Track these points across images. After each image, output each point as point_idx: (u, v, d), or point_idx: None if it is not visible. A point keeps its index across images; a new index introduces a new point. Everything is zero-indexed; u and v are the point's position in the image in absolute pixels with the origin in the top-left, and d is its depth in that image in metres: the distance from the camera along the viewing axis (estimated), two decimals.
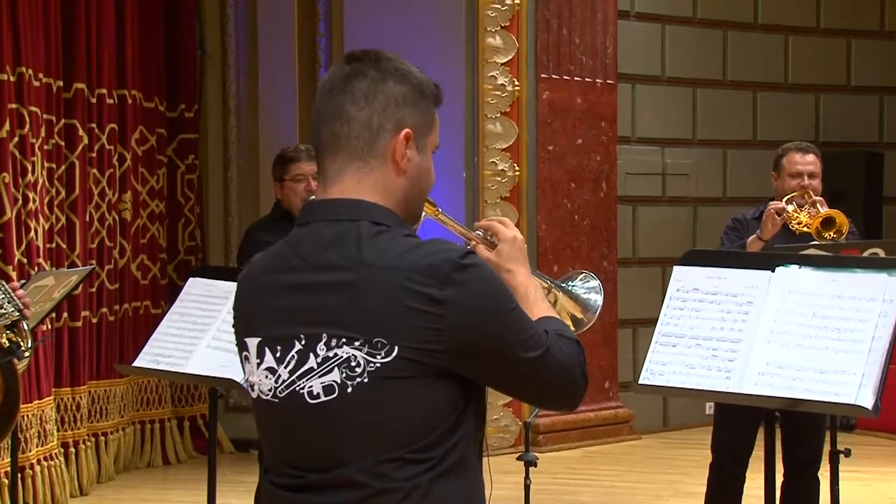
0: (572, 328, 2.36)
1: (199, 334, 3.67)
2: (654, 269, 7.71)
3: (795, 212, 4.86)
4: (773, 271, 2.80)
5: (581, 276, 2.46)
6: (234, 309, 1.97)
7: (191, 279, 3.88)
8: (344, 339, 1.79)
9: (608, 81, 7.42)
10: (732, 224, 5.03)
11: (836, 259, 2.99)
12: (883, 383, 2.58)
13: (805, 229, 4.80)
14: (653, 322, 2.93)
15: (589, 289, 2.44)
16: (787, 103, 8.30)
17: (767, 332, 2.73)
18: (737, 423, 4.51)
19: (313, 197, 2.01)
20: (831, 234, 4.79)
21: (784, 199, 4.85)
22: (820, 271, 2.75)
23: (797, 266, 2.78)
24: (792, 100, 8.32)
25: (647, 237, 7.83)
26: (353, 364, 1.79)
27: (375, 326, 1.78)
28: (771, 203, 4.83)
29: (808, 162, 4.99)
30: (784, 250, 4.09)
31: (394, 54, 1.94)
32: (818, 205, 4.86)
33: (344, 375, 1.80)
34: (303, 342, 1.83)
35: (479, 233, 2.17)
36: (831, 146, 8.23)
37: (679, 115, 8.00)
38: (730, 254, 3.24)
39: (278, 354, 1.85)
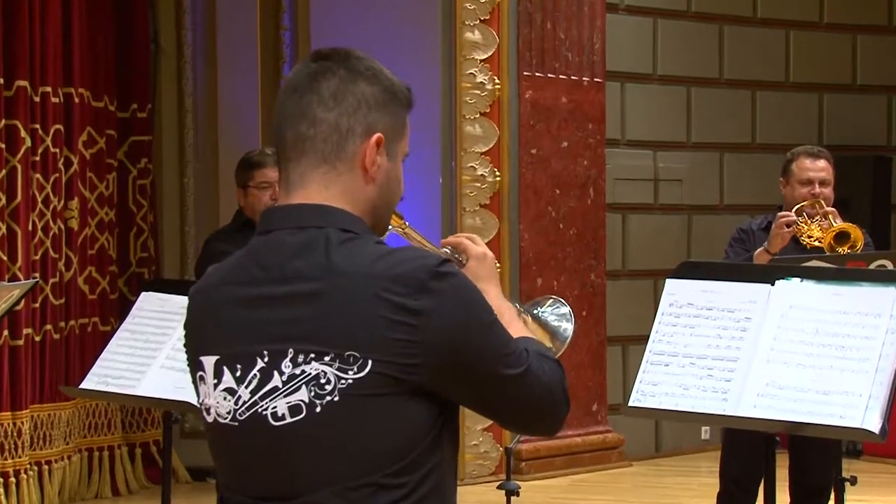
0: None
1: (152, 353, 3.66)
2: (646, 282, 7.73)
3: (806, 224, 4.87)
4: (772, 285, 2.82)
5: (550, 301, 2.47)
6: (186, 325, 1.97)
7: (143, 293, 3.87)
8: (312, 354, 1.80)
9: (596, 80, 7.45)
10: (738, 235, 5.04)
11: (841, 272, 3.01)
12: (890, 405, 2.59)
13: (817, 244, 4.81)
14: (644, 339, 2.95)
15: (559, 316, 2.45)
16: (788, 103, 8.35)
17: (767, 350, 2.75)
18: (744, 450, 4.51)
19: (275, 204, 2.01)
20: (845, 249, 4.79)
21: (794, 210, 4.87)
22: (823, 285, 2.77)
23: (798, 279, 2.80)
24: (793, 100, 8.37)
25: (638, 248, 7.86)
26: (323, 381, 1.79)
27: (347, 339, 1.79)
28: (780, 214, 4.83)
29: (819, 168, 5.01)
30: (784, 262, 4.12)
31: (364, 53, 1.96)
32: (831, 216, 4.86)
33: (312, 394, 1.80)
34: (266, 359, 1.83)
35: (447, 250, 2.18)
36: (835, 150, 8.18)
37: (672, 116, 8.03)
38: (726, 266, 3.26)
39: (238, 373, 1.85)
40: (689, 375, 2.84)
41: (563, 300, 2.48)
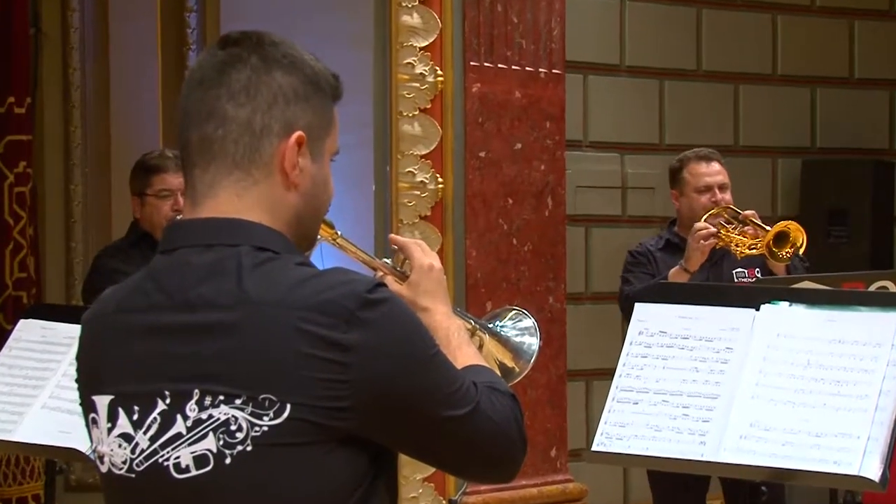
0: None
1: (32, 392, 3.63)
2: (612, 306, 7.73)
3: (726, 231, 5.01)
4: (757, 310, 2.84)
5: (512, 314, 2.49)
6: (77, 359, 1.96)
7: (22, 321, 3.84)
8: (221, 397, 1.80)
9: (554, 71, 7.49)
10: (634, 258, 5.18)
11: (836, 294, 3.04)
12: (892, 450, 2.62)
13: (750, 251, 4.94)
14: (610, 374, 2.96)
15: (522, 330, 2.47)
16: (775, 99, 8.41)
17: (751, 385, 2.77)
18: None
19: (179, 216, 2.02)
20: (785, 251, 4.93)
21: (703, 220, 4.99)
22: (815, 310, 2.80)
23: (787, 303, 2.83)
24: (782, 95, 8.43)
25: (604, 267, 7.89)
26: (234, 428, 1.79)
27: (262, 379, 1.79)
28: (697, 226, 4.95)
29: (715, 172, 5.19)
30: (771, 282, 4.18)
31: (281, 38, 1.96)
32: (752, 218, 5.01)
33: (221, 443, 1.80)
34: (168, 401, 1.83)
35: (388, 261, 2.19)
36: (831, 153, 8.37)
37: (643, 114, 8.08)
38: (704, 288, 3.29)
39: (135, 417, 1.85)
40: (661, 415, 2.85)
41: (525, 311, 2.50)
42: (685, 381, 2.86)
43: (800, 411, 2.70)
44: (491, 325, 2.47)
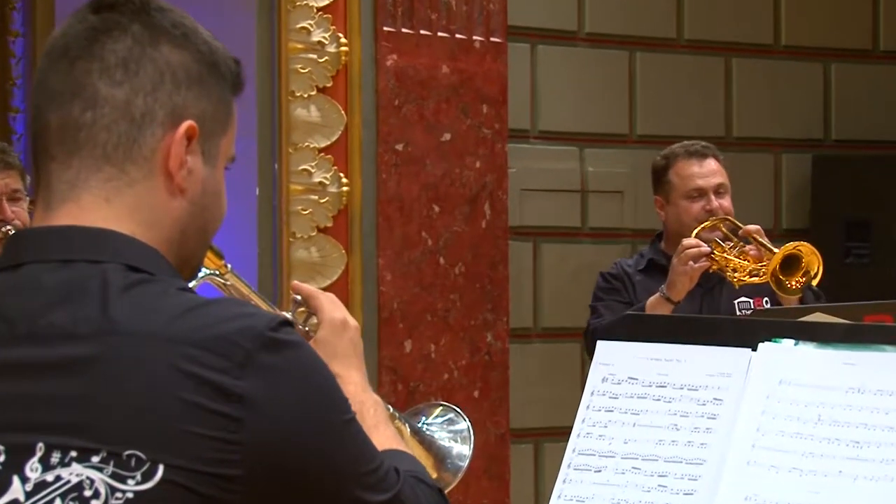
0: None
1: None
2: (568, 345, 7.79)
3: (721, 251, 5.04)
4: (754, 350, 2.85)
5: (438, 410, 2.50)
6: None
7: None
8: (73, 453, 1.80)
9: (493, 39, 7.51)
10: (607, 283, 5.19)
11: (855, 330, 3.06)
12: None
13: (751, 279, 4.97)
14: (565, 433, 2.96)
15: (451, 434, 2.48)
16: (778, 78, 8.47)
17: (746, 447, 2.78)
18: None
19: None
20: (796, 280, 4.96)
21: (694, 234, 5.02)
22: (828, 349, 2.81)
23: (792, 340, 2.85)
24: (787, 72, 8.49)
25: (558, 294, 7.92)
26: (88, 494, 1.79)
27: (128, 432, 1.79)
28: (685, 243, 4.98)
29: (710, 171, 5.23)
30: (770, 314, 4.20)
31: (169, 4, 1.96)
32: (756, 235, 5.03)
33: None
34: (2, 457, 1.83)
35: (288, 314, 2.19)
36: (849, 147, 8.43)
37: (608, 96, 8.12)
38: (686, 321, 3.30)
39: None
40: (631, 487, 2.86)
41: (458, 410, 2.51)
42: (661, 442, 2.87)
43: (808, 481, 2.71)
44: (413, 423, 2.48)
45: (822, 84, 8.61)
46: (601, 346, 3.01)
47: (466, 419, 2.52)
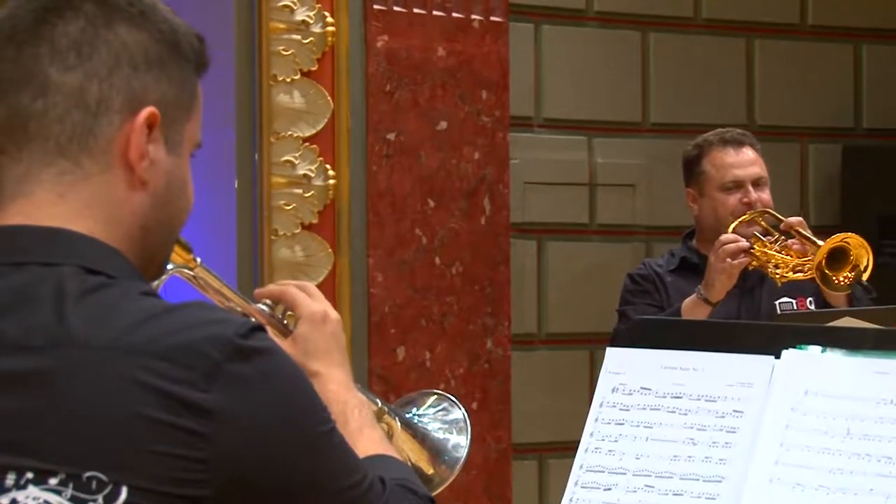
0: None
1: None
2: (575, 352, 7.79)
3: (762, 247, 5.03)
4: (777, 357, 2.86)
5: (432, 400, 2.51)
6: None
7: None
8: (30, 475, 1.81)
9: (493, 18, 7.51)
10: (636, 285, 5.17)
11: (888, 335, 3.07)
12: None
13: (795, 275, 4.96)
14: (572, 448, 2.97)
15: (446, 424, 2.49)
16: (805, 60, 8.48)
17: (769, 463, 2.79)
18: None
19: None
20: (844, 275, 4.95)
21: (731, 229, 5.01)
22: (858, 357, 2.81)
23: (819, 348, 2.85)
24: (814, 54, 8.50)
25: (564, 296, 7.92)
26: None
27: (87, 451, 1.80)
28: (722, 239, 4.97)
29: (748, 161, 5.22)
30: (795, 318, 4.20)
31: None
32: (799, 228, 5.02)
33: None
34: None
35: (264, 306, 2.19)
36: (883, 136, 8.44)
37: (619, 81, 8.12)
38: (703, 325, 3.30)
39: None
40: None
41: (453, 398, 2.51)
42: (677, 457, 2.87)
43: (836, 500, 2.72)
44: (404, 415, 2.49)
45: (853, 67, 8.61)
46: (611, 353, 3.02)
47: (462, 408, 2.53)
